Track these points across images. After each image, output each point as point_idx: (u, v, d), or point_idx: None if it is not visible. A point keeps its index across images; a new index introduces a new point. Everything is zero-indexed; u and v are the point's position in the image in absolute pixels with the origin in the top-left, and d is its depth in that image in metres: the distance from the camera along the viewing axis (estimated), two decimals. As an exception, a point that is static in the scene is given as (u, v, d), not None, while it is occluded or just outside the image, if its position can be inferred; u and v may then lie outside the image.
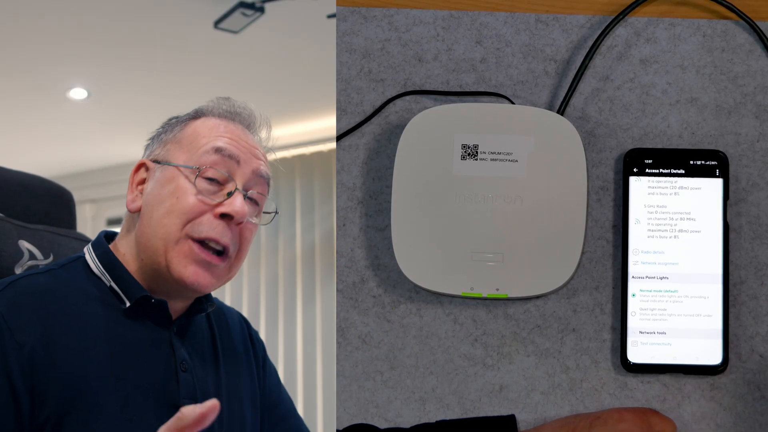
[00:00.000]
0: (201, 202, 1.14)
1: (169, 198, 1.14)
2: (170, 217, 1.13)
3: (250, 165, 1.18)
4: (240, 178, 1.17)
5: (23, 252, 1.27)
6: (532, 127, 1.25)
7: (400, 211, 1.25)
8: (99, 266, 1.16)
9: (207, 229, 1.14)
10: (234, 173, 1.17)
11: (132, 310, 1.14)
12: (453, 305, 1.28)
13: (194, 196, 1.14)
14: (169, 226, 1.13)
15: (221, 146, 1.16)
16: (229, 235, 1.15)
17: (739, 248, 1.26)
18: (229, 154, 1.16)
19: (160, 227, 1.14)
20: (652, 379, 1.25)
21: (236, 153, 1.17)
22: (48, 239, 1.30)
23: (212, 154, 1.16)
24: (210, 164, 1.15)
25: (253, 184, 1.19)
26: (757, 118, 1.28)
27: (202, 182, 1.15)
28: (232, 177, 1.16)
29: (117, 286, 1.15)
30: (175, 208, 1.14)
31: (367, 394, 1.28)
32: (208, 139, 1.17)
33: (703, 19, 1.30)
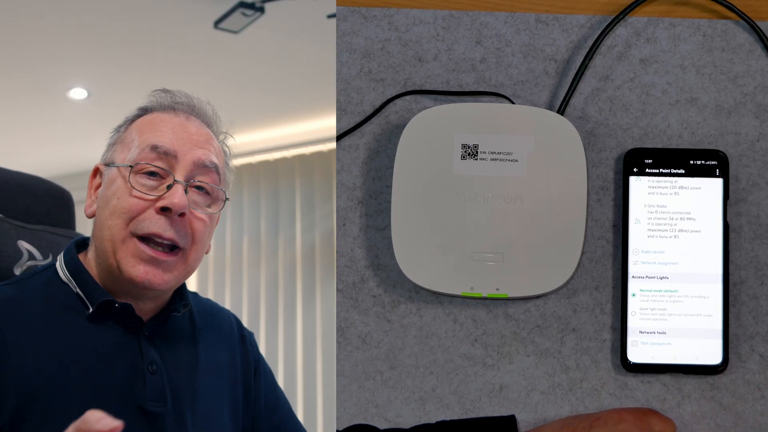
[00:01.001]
0: (140, 198, 1.13)
1: (112, 198, 1.14)
2: (113, 218, 1.13)
3: (191, 156, 1.16)
4: (181, 171, 1.15)
5: (22, 252, 1.27)
6: (532, 127, 1.25)
7: (400, 211, 1.25)
8: (66, 273, 1.16)
9: (149, 224, 1.12)
10: (173, 167, 1.15)
11: (96, 315, 1.13)
12: (453, 305, 1.28)
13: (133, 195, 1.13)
14: (113, 227, 1.13)
15: (156, 143, 1.15)
16: (174, 229, 1.13)
17: (739, 248, 1.26)
18: (165, 150, 1.15)
19: (106, 228, 1.13)
20: (652, 379, 1.25)
21: (172, 148, 1.15)
22: (47, 239, 1.30)
23: (149, 152, 1.14)
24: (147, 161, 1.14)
25: (198, 173, 1.16)
26: (757, 118, 1.28)
27: (141, 178, 1.14)
28: (170, 170, 1.14)
29: (81, 292, 1.14)
30: (117, 208, 1.13)
31: (367, 394, 1.27)
32: (145, 136, 1.16)
33: (703, 19, 1.30)
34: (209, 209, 1.17)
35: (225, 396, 1.23)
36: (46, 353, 1.09)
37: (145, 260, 1.12)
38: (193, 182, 1.16)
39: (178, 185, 1.14)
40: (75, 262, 1.16)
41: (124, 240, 1.12)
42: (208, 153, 1.17)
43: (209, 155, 1.17)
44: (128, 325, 1.15)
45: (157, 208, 1.13)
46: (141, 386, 1.13)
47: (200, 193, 1.17)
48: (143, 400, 1.12)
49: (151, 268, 1.12)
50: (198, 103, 1.21)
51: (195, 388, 1.19)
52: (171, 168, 1.14)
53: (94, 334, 1.13)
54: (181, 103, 1.20)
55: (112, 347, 1.13)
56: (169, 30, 3.21)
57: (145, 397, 1.12)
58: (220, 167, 1.19)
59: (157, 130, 1.16)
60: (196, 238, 1.16)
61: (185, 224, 1.14)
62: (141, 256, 1.12)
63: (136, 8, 3.03)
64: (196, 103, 1.21)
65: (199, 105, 1.21)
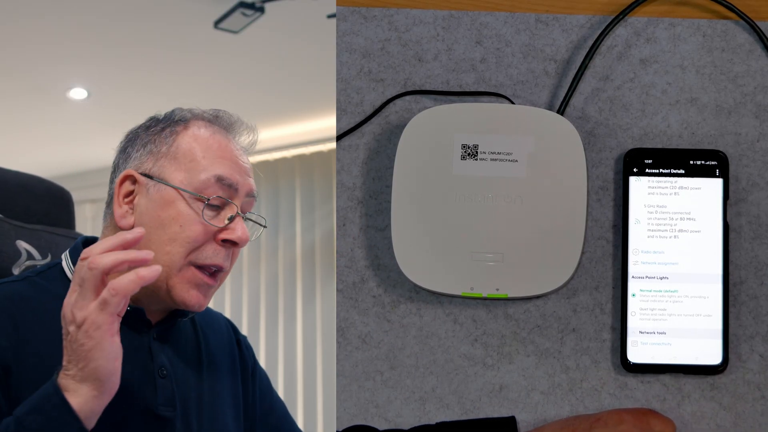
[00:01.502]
0: (206, 230, 1.13)
1: (172, 224, 1.12)
2: (174, 246, 1.12)
3: (245, 187, 1.16)
4: (238, 202, 1.15)
5: (21, 252, 1.27)
6: (532, 127, 1.25)
7: (400, 211, 1.25)
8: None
9: (211, 255, 1.13)
10: (232, 198, 1.15)
11: None
12: (453, 305, 1.28)
13: (199, 224, 1.12)
14: (173, 254, 1.12)
15: (222, 175, 1.14)
16: (230, 259, 1.15)
17: (739, 248, 1.26)
18: (229, 183, 1.14)
19: (162, 254, 1.11)
20: (652, 379, 1.25)
21: (235, 181, 1.15)
22: (46, 239, 1.30)
23: (214, 182, 1.13)
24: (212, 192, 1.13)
25: (246, 204, 1.17)
26: (757, 118, 1.28)
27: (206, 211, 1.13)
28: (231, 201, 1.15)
29: None
30: (179, 237, 1.12)
31: (367, 394, 1.27)
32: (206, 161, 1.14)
33: (703, 19, 1.30)
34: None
35: (228, 401, 1.23)
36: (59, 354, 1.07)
37: (198, 286, 1.13)
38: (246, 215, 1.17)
39: (240, 218, 1.14)
40: None
41: (181, 268, 1.12)
42: (253, 182, 1.18)
43: (254, 185, 1.18)
44: (137, 329, 1.14)
45: (220, 239, 1.13)
46: (152, 390, 1.12)
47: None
48: (154, 404, 1.12)
49: (202, 293, 1.13)
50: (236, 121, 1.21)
51: (200, 393, 1.19)
52: (231, 199, 1.15)
53: None
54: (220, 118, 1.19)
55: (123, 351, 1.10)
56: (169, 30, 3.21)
57: (156, 402, 1.12)
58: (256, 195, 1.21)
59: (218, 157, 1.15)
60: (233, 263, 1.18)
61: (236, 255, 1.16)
62: (197, 282, 1.12)
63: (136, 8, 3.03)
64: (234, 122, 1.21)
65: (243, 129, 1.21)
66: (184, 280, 1.12)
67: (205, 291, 1.14)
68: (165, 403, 1.13)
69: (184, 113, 1.18)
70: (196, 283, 1.12)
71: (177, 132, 1.16)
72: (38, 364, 1.07)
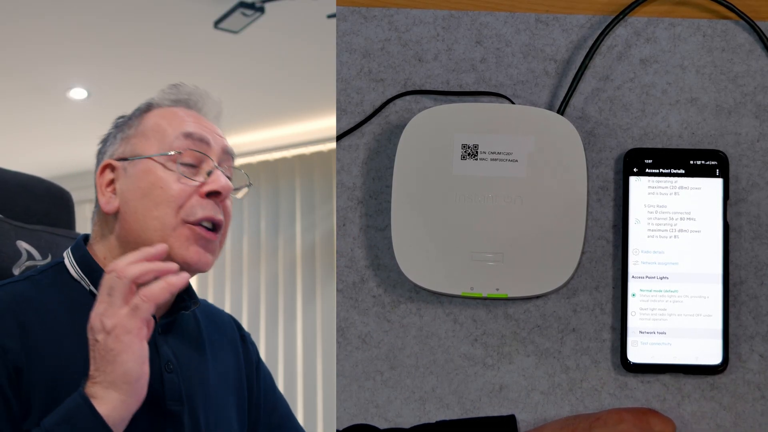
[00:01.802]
0: (186, 185, 1.14)
1: (153, 189, 1.14)
2: (160, 208, 1.13)
3: (218, 143, 1.18)
4: (214, 157, 1.17)
5: (21, 252, 1.27)
6: (532, 127, 1.25)
7: (400, 211, 1.25)
8: (78, 271, 1.15)
9: (200, 210, 1.14)
10: (207, 153, 1.17)
11: None
12: (453, 305, 1.28)
13: (177, 182, 1.14)
14: (162, 217, 1.13)
15: (191, 131, 1.16)
16: (220, 212, 1.16)
17: (739, 248, 1.26)
18: (200, 137, 1.16)
19: (151, 219, 1.13)
20: (652, 379, 1.25)
21: (205, 135, 1.17)
22: (46, 239, 1.30)
23: (183, 139, 1.16)
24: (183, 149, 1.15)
25: (223, 160, 1.18)
26: (757, 118, 1.28)
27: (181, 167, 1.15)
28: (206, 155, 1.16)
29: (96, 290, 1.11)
30: (163, 199, 1.13)
31: (367, 394, 1.27)
32: (173, 125, 1.17)
33: (703, 19, 1.30)
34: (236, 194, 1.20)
35: (232, 396, 1.23)
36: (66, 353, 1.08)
37: (197, 241, 1.13)
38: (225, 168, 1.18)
39: (218, 170, 1.16)
40: (87, 259, 1.16)
41: (176, 227, 1.13)
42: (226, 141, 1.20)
43: (228, 144, 1.20)
44: None
45: (203, 193, 1.14)
46: (159, 385, 1.12)
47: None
48: (162, 399, 1.12)
49: (202, 249, 1.14)
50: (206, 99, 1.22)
51: (206, 388, 1.19)
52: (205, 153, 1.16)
53: None
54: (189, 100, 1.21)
55: None
56: (169, 30, 3.20)
57: (163, 396, 1.12)
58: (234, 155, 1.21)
59: (183, 120, 1.18)
60: (227, 221, 1.18)
61: (226, 207, 1.17)
62: (196, 239, 1.13)
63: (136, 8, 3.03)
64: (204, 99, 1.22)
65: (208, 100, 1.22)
66: (181, 237, 1.13)
67: (205, 246, 1.14)
68: (173, 397, 1.13)
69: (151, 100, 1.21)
70: (194, 238, 1.13)
71: (142, 116, 1.19)
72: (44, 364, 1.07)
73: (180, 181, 1.14)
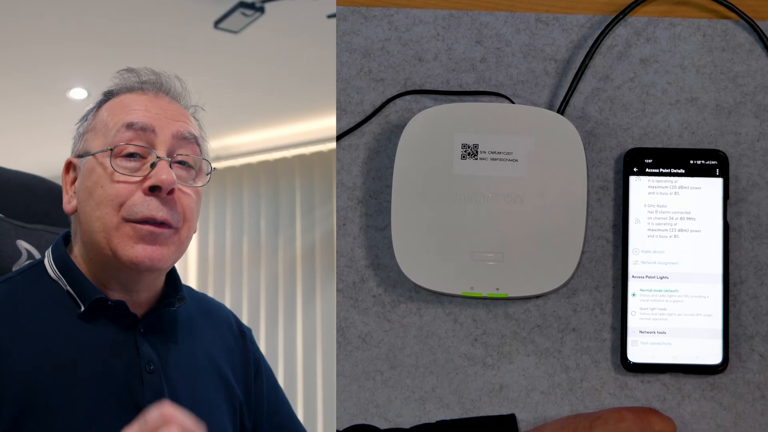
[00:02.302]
0: (125, 182, 1.08)
1: (95, 189, 1.09)
2: (101, 208, 1.09)
3: (169, 129, 1.11)
4: (161, 146, 1.10)
5: (21, 252, 1.27)
6: (532, 126, 1.25)
7: (400, 210, 1.25)
8: (55, 270, 1.12)
9: (141, 208, 1.08)
10: (153, 143, 1.10)
11: (88, 313, 1.10)
12: (453, 305, 1.28)
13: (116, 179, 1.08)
14: (104, 217, 1.08)
15: (131, 120, 1.10)
16: (165, 209, 1.09)
17: (739, 248, 1.26)
18: (142, 126, 1.10)
19: (95, 220, 1.09)
20: (652, 379, 1.25)
21: (148, 123, 1.10)
22: (46, 239, 1.30)
23: (125, 131, 1.10)
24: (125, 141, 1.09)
25: (179, 147, 1.12)
26: (757, 117, 1.28)
27: (121, 161, 1.09)
28: (151, 147, 1.10)
29: (72, 290, 1.11)
30: (103, 197, 1.09)
31: (367, 394, 1.27)
32: (118, 117, 1.11)
33: (703, 18, 1.30)
34: (195, 183, 1.13)
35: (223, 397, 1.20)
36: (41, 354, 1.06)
37: (142, 238, 1.08)
38: (176, 157, 1.11)
39: (162, 161, 1.09)
40: (64, 258, 1.13)
41: (118, 227, 1.08)
42: (185, 125, 1.13)
43: (187, 127, 1.13)
44: (122, 323, 1.11)
45: (145, 188, 1.09)
46: (138, 387, 1.09)
47: (183, 167, 1.12)
48: (142, 400, 1.09)
49: (149, 245, 1.08)
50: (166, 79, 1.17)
51: (193, 388, 1.15)
52: (151, 145, 1.10)
53: (87, 333, 1.09)
54: (148, 81, 1.16)
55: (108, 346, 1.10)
56: (169, 30, 3.20)
57: (143, 398, 1.09)
58: (199, 138, 1.14)
59: (129, 110, 1.11)
60: (187, 215, 1.12)
61: (175, 202, 1.10)
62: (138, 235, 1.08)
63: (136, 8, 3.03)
64: (163, 80, 1.16)
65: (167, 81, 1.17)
66: (124, 237, 1.08)
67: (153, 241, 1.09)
68: (153, 399, 1.09)
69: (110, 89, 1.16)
70: (138, 236, 1.08)
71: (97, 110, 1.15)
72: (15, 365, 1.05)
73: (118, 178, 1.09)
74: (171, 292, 1.16)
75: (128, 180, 1.09)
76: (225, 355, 1.23)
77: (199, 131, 1.17)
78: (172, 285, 1.17)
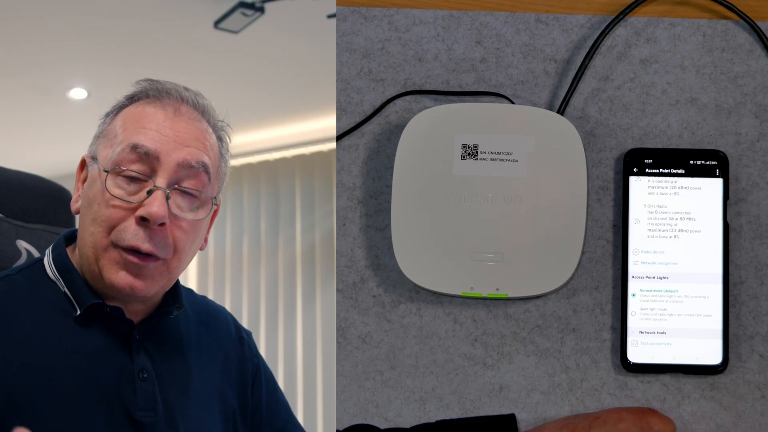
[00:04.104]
0: (119, 207, 1.06)
1: (93, 203, 1.07)
2: (95, 225, 1.06)
3: (175, 157, 1.07)
4: (163, 174, 1.06)
5: (21, 252, 1.27)
6: (532, 127, 1.25)
7: (400, 211, 1.25)
8: (54, 271, 1.10)
9: (129, 236, 1.05)
10: (155, 170, 1.07)
11: (84, 317, 1.08)
12: (453, 305, 1.28)
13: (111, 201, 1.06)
14: (95, 235, 1.06)
15: (137, 143, 1.06)
16: (153, 241, 1.06)
17: (739, 248, 1.26)
18: (146, 151, 1.06)
19: (88, 235, 1.07)
20: (652, 379, 1.25)
21: (153, 149, 1.06)
22: (46, 239, 1.30)
23: (129, 152, 1.06)
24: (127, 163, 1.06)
25: (184, 176, 1.08)
26: (757, 117, 1.28)
27: (120, 182, 1.06)
28: (151, 174, 1.07)
29: (69, 293, 1.09)
30: (98, 216, 1.06)
31: (367, 394, 1.27)
32: (127, 133, 1.08)
33: (703, 19, 1.30)
34: (196, 214, 1.10)
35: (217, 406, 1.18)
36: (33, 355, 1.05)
37: (125, 266, 1.06)
38: (177, 187, 1.08)
39: (158, 192, 1.05)
40: (63, 259, 1.11)
41: (106, 248, 1.06)
42: (195, 152, 1.09)
43: (197, 154, 1.09)
44: (118, 329, 1.09)
45: (137, 217, 1.05)
46: (131, 394, 1.07)
47: (185, 196, 1.09)
48: (133, 408, 1.07)
49: (132, 275, 1.06)
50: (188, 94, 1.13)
51: (188, 397, 1.13)
52: (153, 170, 1.07)
53: (81, 337, 1.07)
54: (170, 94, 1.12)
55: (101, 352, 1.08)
56: (169, 30, 3.20)
57: (135, 406, 1.07)
58: (210, 166, 1.10)
59: (140, 127, 1.08)
60: (178, 248, 1.08)
61: (165, 234, 1.07)
62: (123, 262, 1.06)
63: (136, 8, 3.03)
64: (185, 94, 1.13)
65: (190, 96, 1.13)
66: (110, 260, 1.06)
67: (136, 272, 1.06)
68: (145, 407, 1.08)
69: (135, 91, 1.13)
70: (123, 263, 1.06)
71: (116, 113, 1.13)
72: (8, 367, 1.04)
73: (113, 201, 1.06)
74: (170, 301, 1.14)
75: (122, 205, 1.06)
76: (221, 363, 1.21)
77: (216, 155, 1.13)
78: (171, 294, 1.15)
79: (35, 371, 1.04)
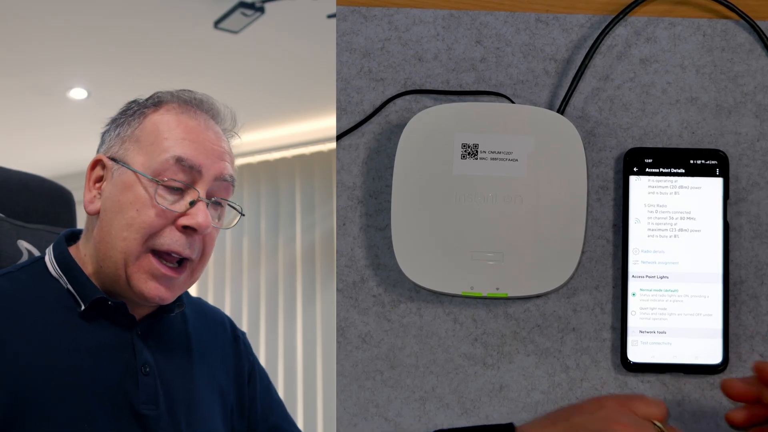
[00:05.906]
0: (162, 214, 1.09)
1: (129, 208, 1.09)
2: (130, 231, 1.09)
3: (212, 171, 1.12)
4: (202, 186, 1.12)
5: (22, 252, 1.27)
6: (532, 126, 1.25)
7: (400, 210, 1.25)
8: (56, 268, 1.12)
9: (169, 242, 1.09)
10: (196, 182, 1.11)
11: (88, 312, 1.10)
12: (453, 305, 1.28)
13: (155, 208, 1.09)
14: (129, 240, 1.09)
15: (182, 156, 1.11)
16: (192, 247, 1.11)
17: (739, 248, 1.26)
18: (191, 164, 1.11)
19: (120, 240, 1.09)
20: (652, 379, 1.25)
21: (197, 163, 1.11)
22: (47, 239, 1.30)
23: (173, 164, 1.10)
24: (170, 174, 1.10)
25: (216, 188, 1.13)
26: (757, 117, 1.28)
27: (163, 191, 1.10)
28: (193, 186, 1.11)
29: (73, 289, 1.11)
30: (136, 222, 1.09)
31: (367, 394, 1.27)
32: (168, 143, 1.11)
33: (703, 18, 1.30)
34: (222, 223, 1.15)
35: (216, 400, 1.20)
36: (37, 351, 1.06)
37: (157, 278, 1.10)
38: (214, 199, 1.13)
39: (201, 203, 1.11)
40: (65, 256, 1.13)
41: (139, 256, 1.09)
42: (227, 166, 1.14)
43: (229, 169, 1.15)
44: (121, 324, 1.12)
45: (180, 225, 1.10)
46: (134, 388, 1.10)
47: (215, 206, 1.14)
48: (136, 402, 1.09)
49: (162, 285, 1.10)
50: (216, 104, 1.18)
51: (189, 391, 1.16)
52: (194, 182, 1.11)
53: (85, 332, 1.10)
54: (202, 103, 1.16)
55: (105, 346, 1.10)
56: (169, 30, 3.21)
57: (138, 400, 1.09)
58: (235, 179, 1.16)
59: (181, 139, 1.12)
60: (206, 252, 1.14)
61: (200, 241, 1.12)
62: (155, 273, 1.09)
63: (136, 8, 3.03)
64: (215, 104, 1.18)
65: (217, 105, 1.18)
66: (141, 269, 1.09)
67: (166, 283, 1.10)
68: (147, 401, 1.10)
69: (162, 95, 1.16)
70: (154, 273, 1.09)
71: (146, 114, 1.14)
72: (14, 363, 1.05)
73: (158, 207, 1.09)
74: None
75: (166, 214, 1.09)
76: (220, 359, 1.24)
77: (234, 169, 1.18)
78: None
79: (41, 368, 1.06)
